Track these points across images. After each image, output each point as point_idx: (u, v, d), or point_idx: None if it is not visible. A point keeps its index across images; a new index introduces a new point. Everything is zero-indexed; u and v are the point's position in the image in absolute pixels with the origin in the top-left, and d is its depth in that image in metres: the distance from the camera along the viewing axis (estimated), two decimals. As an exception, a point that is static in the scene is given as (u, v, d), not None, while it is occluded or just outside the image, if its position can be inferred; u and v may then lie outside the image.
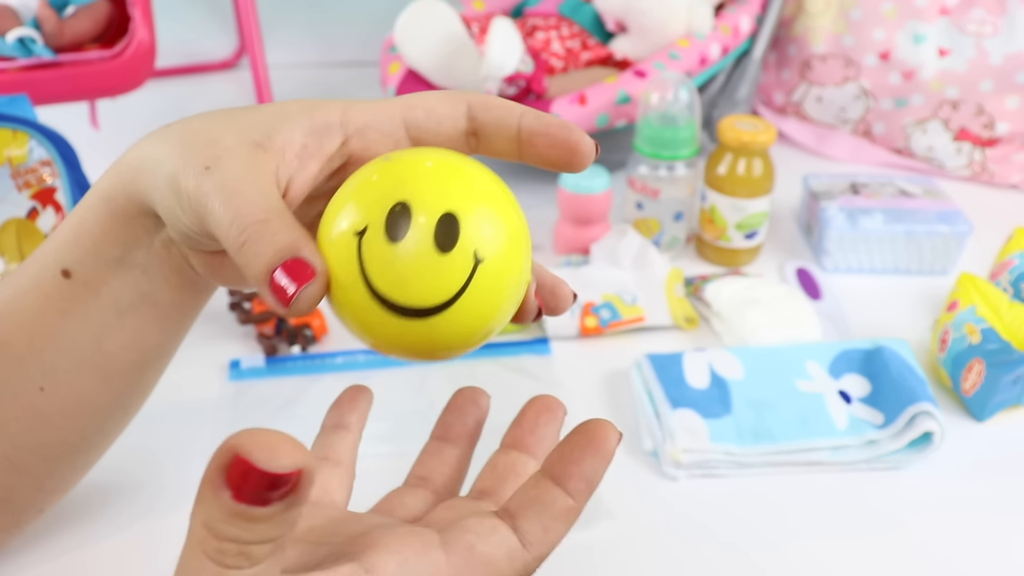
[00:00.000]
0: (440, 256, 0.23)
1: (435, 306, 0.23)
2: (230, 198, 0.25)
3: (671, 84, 0.66)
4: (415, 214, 0.23)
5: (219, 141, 0.27)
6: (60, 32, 0.67)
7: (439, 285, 0.23)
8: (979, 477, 0.50)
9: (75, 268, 0.32)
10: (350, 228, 0.24)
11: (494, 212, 0.24)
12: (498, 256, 0.24)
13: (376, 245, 0.23)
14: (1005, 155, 0.83)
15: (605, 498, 0.47)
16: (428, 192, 0.24)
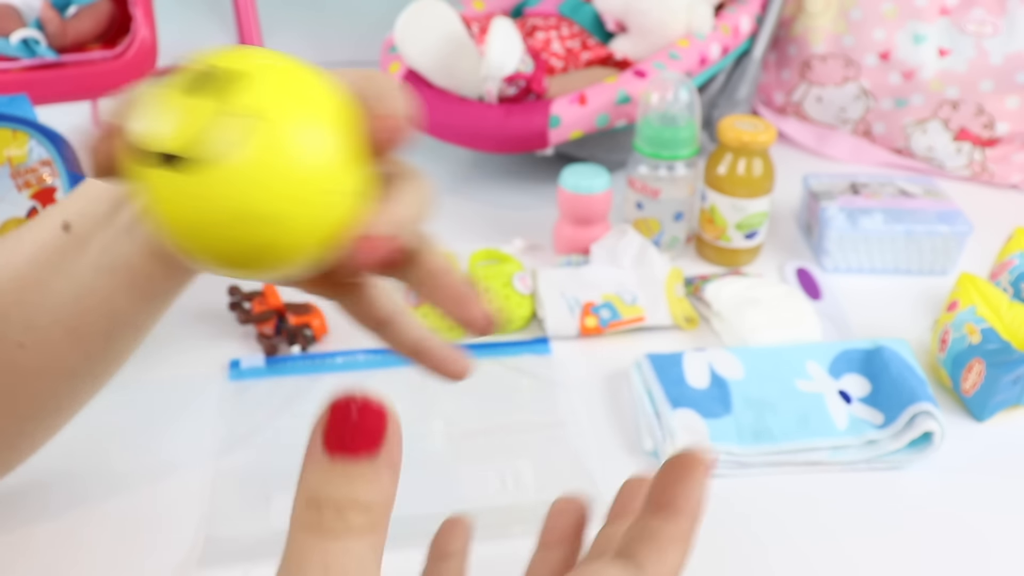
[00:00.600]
0: (191, 101, 0.22)
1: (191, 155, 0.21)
2: None
3: (671, 84, 0.66)
4: (195, 72, 0.22)
5: None
6: (63, 33, 0.67)
7: (185, 129, 0.21)
8: (979, 477, 0.50)
9: (75, 222, 0.33)
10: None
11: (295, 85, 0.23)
12: (284, 115, 0.22)
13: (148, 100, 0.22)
14: (1005, 155, 0.83)
15: (605, 498, 0.47)
16: (227, 58, 0.22)
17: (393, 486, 0.21)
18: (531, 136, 0.73)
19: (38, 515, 0.46)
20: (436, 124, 0.76)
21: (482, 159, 0.87)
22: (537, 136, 0.73)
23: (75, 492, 0.47)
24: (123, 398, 0.38)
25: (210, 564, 0.43)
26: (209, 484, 0.48)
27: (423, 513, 0.46)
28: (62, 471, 0.47)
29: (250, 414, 0.53)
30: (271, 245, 0.23)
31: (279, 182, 0.22)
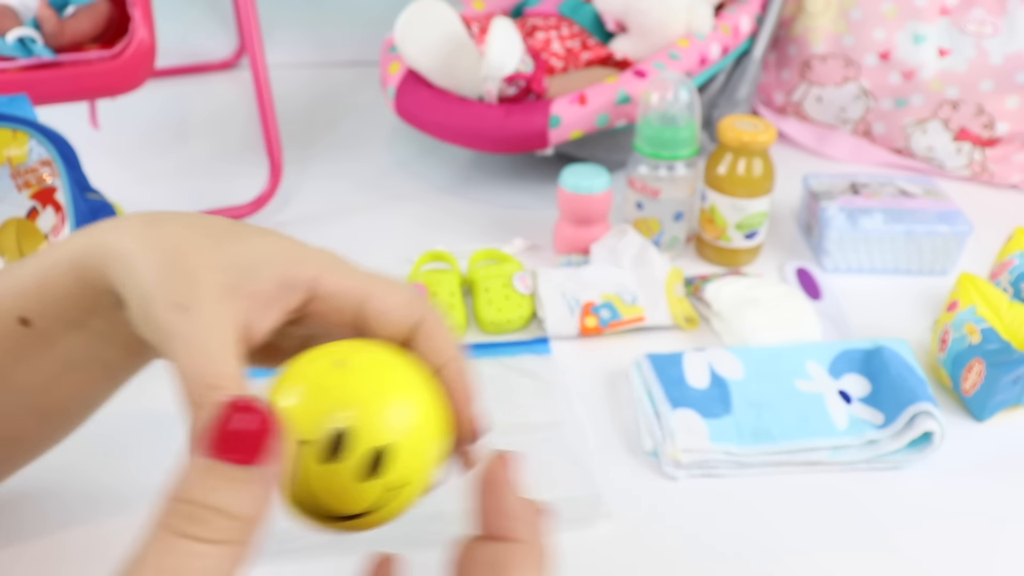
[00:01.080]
0: (367, 483, 0.26)
1: (352, 515, 0.27)
2: (195, 353, 0.26)
3: (671, 84, 0.66)
4: (352, 445, 0.26)
5: (197, 279, 0.28)
6: (60, 32, 0.67)
7: (362, 502, 0.27)
8: (979, 477, 0.50)
9: (34, 319, 0.32)
10: (295, 432, 0.26)
11: (422, 443, 0.28)
12: (419, 476, 0.28)
13: (313, 462, 0.26)
14: (1005, 155, 0.83)
15: (605, 498, 0.47)
16: (369, 417, 0.27)
17: (265, 502, 0.20)
18: (531, 136, 0.73)
19: (29, 523, 0.45)
20: (436, 124, 0.76)
21: (482, 159, 0.87)
22: (537, 136, 0.73)
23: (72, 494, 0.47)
24: (118, 400, 0.38)
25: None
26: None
27: (423, 514, 0.46)
28: (57, 474, 0.47)
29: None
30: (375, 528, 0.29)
31: (408, 507, 0.29)
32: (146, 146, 0.92)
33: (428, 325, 0.30)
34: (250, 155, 0.86)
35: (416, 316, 0.30)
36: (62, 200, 0.59)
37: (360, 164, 0.88)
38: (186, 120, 1.00)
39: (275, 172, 0.78)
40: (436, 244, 0.71)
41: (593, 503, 0.47)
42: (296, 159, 0.87)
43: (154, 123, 0.97)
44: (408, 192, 0.82)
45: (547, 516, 0.29)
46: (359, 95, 1.03)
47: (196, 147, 0.92)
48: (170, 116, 1.00)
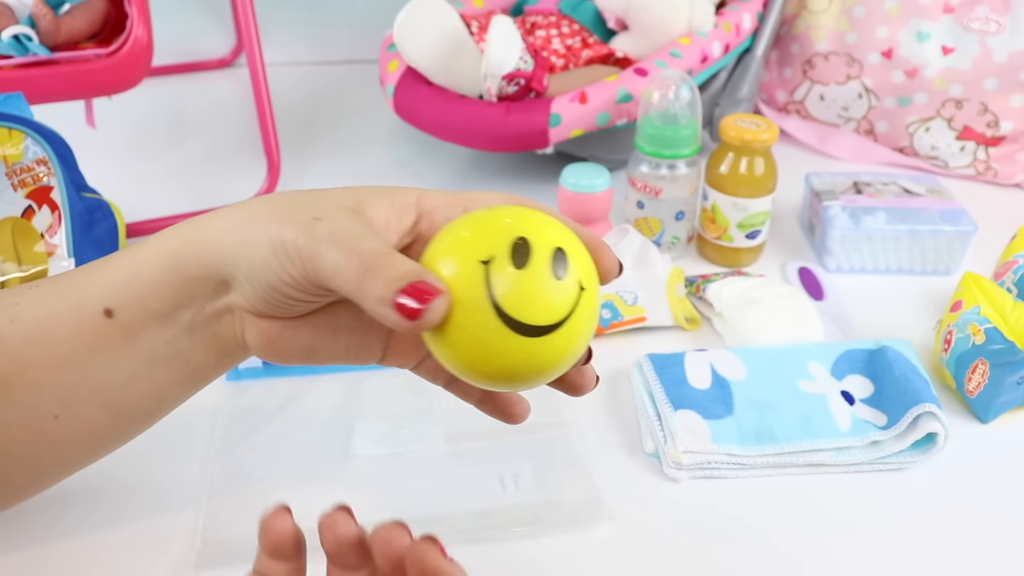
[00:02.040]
0: (557, 282, 0.28)
1: (552, 324, 0.27)
2: (348, 240, 0.29)
3: (672, 82, 0.66)
4: (534, 248, 0.28)
5: (317, 204, 0.30)
6: (56, 30, 0.67)
7: (556, 307, 0.28)
8: (983, 478, 0.49)
9: (119, 310, 0.32)
10: (475, 257, 0.27)
11: (583, 251, 0.30)
12: (592, 286, 0.29)
13: (503, 272, 0.27)
14: (1009, 154, 0.83)
15: (606, 499, 0.47)
16: (539, 231, 0.28)
17: None
18: (531, 135, 0.72)
19: (31, 518, 0.45)
20: (435, 123, 0.75)
21: (482, 158, 0.87)
22: (537, 135, 0.72)
23: (70, 495, 0.46)
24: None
25: (206, 566, 0.43)
26: (205, 486, 0.47)
27: (423, 516, 0.46)
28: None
29: (248, 415, 0.53)
30: (557, 372, 0.29)
31: (591, 331, 0.29)
32: (143, 145, 0.92)
33: (533, 207, 0.32)
34: (248, 154, 0.86)
35: (519, 203, 0.32)
36: (58, 199, 0.59)
37: (359, 163, 0.87)
38: (183, 118, 0.99)
39: (273, 171, 0.77)
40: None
41: (594, 504, 0.47)
42: (294, 157, 0.86)
43: (151, 121, 0.96)
44: (407, 191, 0.82)
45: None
46: (357, 93, 1.03)
47: (193, 146, 0.92)
48: (167, 114, 0.99)
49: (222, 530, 0.45)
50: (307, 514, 0.47)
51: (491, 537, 0.45)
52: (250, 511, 0.46)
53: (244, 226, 0.31)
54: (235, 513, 0.46)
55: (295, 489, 0.47)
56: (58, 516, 0.46)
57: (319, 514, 0.28)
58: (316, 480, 0.48)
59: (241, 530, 0.45)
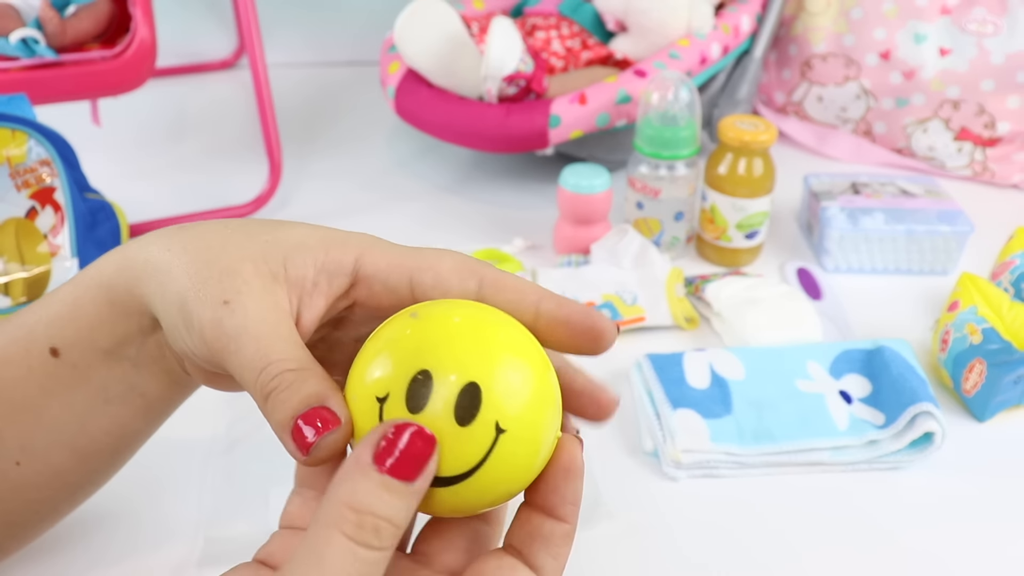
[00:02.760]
0: (460, 429, 0.23)
1: (455, 476, 0.24)
2: (256, 344, 0.25)
3: (671, 83, 0.66)
4: (436, 384, 0.23)
5: (236, 272, 0.27)
6: (62, 32, 0.67)
7: (459, 457, 0.23)
8: (980, 477, 0.50)
9: (65, 349, 0.31)
10: (372, 393, 0.24)
11: (519, 378, 0.24)
12: (521, 425, 0.24)
13: (396, 414, 0.23)
14: (1006, 155, 0.83)
15: (606, 498, 0.47)
16: (449, 359, 0.24)
17: (414, 512, 0.23)
18: (531, 136, 0.73)
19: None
20: (436, 123, 0.76)
21: (482, 159, 0.87)
22: (537, 136, 0.73)
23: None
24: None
25: (208, 564, 0.43)
26: (207, 484, 0.48)
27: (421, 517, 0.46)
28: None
29: (249, 414, 0.53)
30: (481, 510, 0.26)
31: (521, 474, 0.25)
32: (146, 145, 0.92)
33: (492, 278, 0.27)
34: (249, 155, 0.86)
35: (476, 275, 0.27)
36: (61, 200, 0.59)
37: (360, 164, 0.88)
38: (185, 119, 1.00)
39: (275, 172, 0.77)
40: (436, 244, 0.71)
41: (593, 503, 0.47)
42: (296, 158, 0.87)
43: (154, 122, 0.97)
44: (408, 192, 0.82)
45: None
46: (359, 95, 1.03)
47: (195, 146, 0.92)
48: (170, 115, 1.00)
49: (224, 528, 0.45)
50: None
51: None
52: (252, 509, 0.46)
53: (163, 271, 0.28)
54: (237, 511, 0.46)
55: (297, 487, 0.47)
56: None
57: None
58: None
59: (243, 528, 0.45)
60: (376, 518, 0.22)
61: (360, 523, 0.21)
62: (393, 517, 0.22)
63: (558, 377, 0.26)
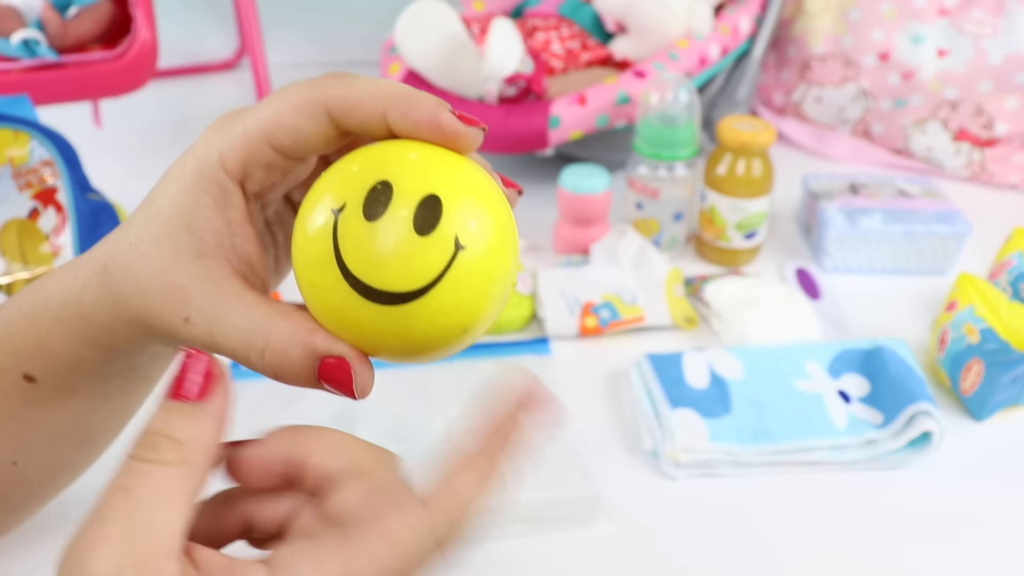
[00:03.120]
0: (419, 238, 0.22)
1: (410, 291, 0.22)
2: (223, 341, 0.25)
3: (671, 84, 0.66)
4: (396, 193, 0.22)
5: (181, 286, 0.26)
6: (63, 33, 0.67)
7: (416, 269, 0.22)
8: (978, 476, 0.50)
9: (40, 376, 0.29)
10: (327, 205, 0.23)
11: (480, 201, 0.23)
12: (482, 246, 0.23)
13: (352, 223, 0.22)
14: (1004, 155, 0.83)
15: (605, 497, 0.48)
16: (411, 173, 0.23)
17: (212, 434, 0.23)
18: (531, 136, 0.73)
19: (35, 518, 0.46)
20: (436, 124, 0.76)
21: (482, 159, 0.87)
22: (537, 136, 0.73)
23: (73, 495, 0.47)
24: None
25: (211, 563, 0.43)
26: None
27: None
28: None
29: (250, 415, 0.53)
30: (436, 348, 0.24)
31: (479, 304, 0.23)
32: (147, 146, 0.92)
33: (336, 102, 0.26)
34: (251, 155, 0.86)
35: (320, 106, 0.26)
36: (63, 200, 0.59)
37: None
38: (187, 120, 1.00)
39: (276, 172, 0.77)
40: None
41: (593, 502, 0.47)
42: (297, 159, 0.87)
43: (155, 123, 0.97)
44: (408, 192, 0.82)
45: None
46: (359, 95, 1.03)
47: (197, 147, 0.92)
48: (171, 116, 1.00)
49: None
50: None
51: (491, 535, 0.46)
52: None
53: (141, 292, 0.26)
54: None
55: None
56: (60, 515, 0.46)
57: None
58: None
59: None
60: (156, 435, 0.23)
61: (143, 442, 0.23)
62: (166, 430, 0.23)
63: None
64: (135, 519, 0.22)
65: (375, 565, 0.23)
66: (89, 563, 0.21)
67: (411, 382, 0.56)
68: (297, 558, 0.23)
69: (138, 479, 0.22)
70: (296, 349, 0.24)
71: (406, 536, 0.23)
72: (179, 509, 0.22)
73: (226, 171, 0.26)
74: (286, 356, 0.24)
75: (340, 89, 0.26)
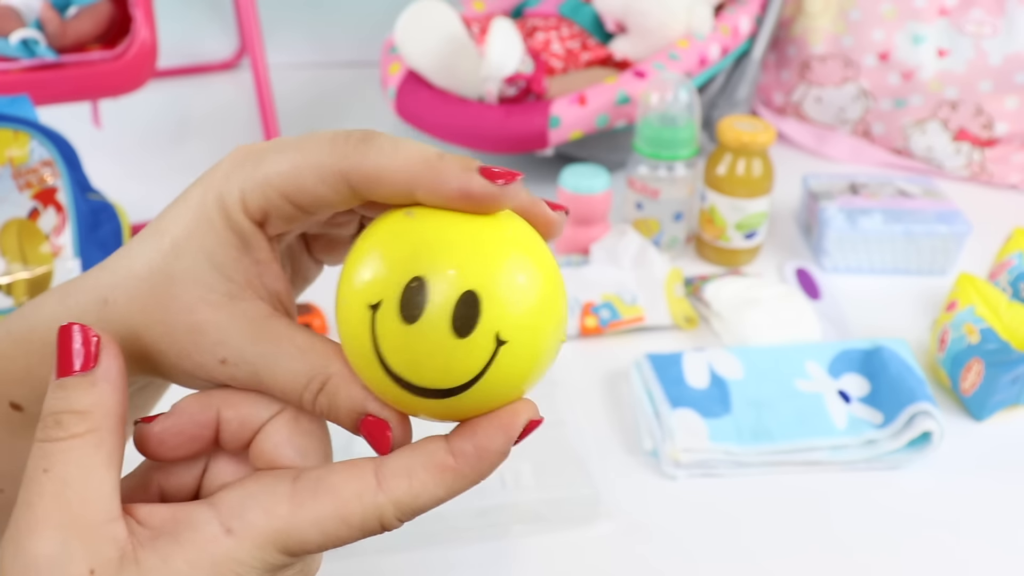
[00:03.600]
0: (458, 341, 0.21)
1: (451, 388, 0.22)
2: (272, 382, 0.24)
3: (671, 85, 0.66)
4: (432, 293, 0.21)
5: (216, 326, 0.25)
6: (63, 33, 0.67)
7: (457, 369, 0.22)
8: (978, 476, 0.50)
9: (28, 405, 0.28)
10: (363, 300, 0.22)
11: (521, 284, 0.22)
12: (524, 334, 0.22)
13: (390, 324, 0.22)
14: (1004, 155, 0.83)
15: (604, 497, 0.48)
16: (447, 265, 0.22)
17: (112, 396, 0.23)
18: (531, 136, 0.73)
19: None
20: (436, 124, 0.76)
21: (482, 159, 0.87)
22: (537, 136, 0.73)
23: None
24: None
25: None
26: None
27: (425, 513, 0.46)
28: None
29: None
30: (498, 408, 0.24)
31: (523, 382, 0.23)
32: (147, 146, 0.92)
33: (358, 175, 0.23)
34: (251, 155, 0.86)
35: (340, 177, 0.24)
36: (63, 200, 0.59)
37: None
38: (187, 120, 1.00)
39: (276, 172, 0.78)
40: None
41: (592, 502, 0.47)
42: (297, 159, 0.87)
43: (155, 123, 0.97)
44: (408, 192, 0.82)
45: None
46: (359, 96, 1.03)
47: (197, 147, 0.92)
48: (171, 116, 1.00)
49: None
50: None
51: (491, 535, 0.46)
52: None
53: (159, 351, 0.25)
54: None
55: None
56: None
57: None
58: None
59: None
60: (57, 414, 0.23)
61: (46, 425, 0.23)
62: (67, 406, 0.23)
63: None
64: (65, 495, 0.22)
65: (320, 526, 0.23)
66: (33, 547, 0.21)
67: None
68: (247, 502, 0.23)
69: (56, 458, 0.22)
70: (347, 402, 0.24)
71: (354, 505, 0.23)
72: (105, 475, 0.23)
73: (248, 214, 0.25)
74: (335, 401, 0.24)
75: (363, 162, 0.24)
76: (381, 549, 0.44)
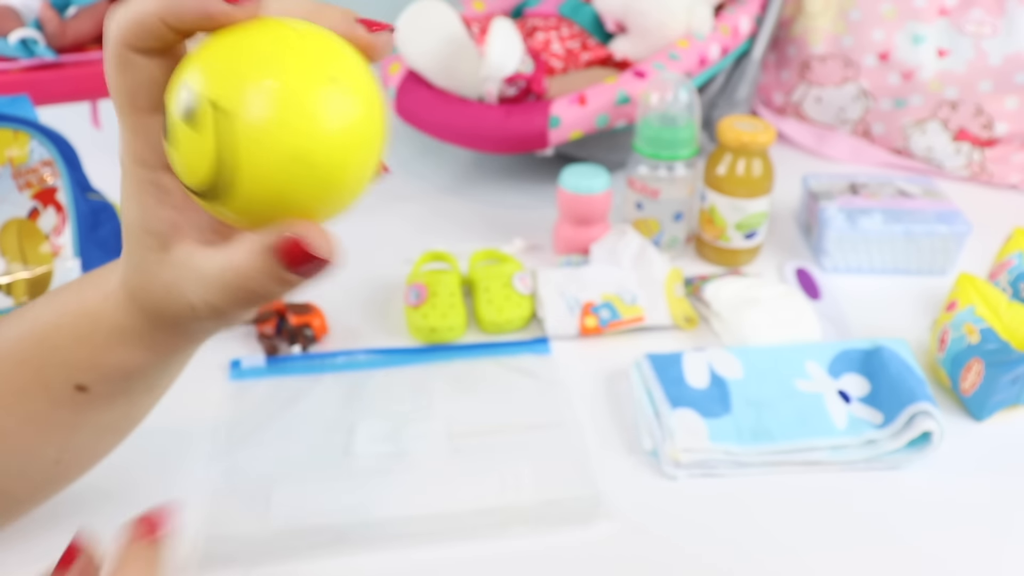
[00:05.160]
0: (193, 132, 0.22)
1: (209, 181, 0.23)
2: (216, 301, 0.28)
3: (671, 85, 0.66)
4: (179, 98, 0.23)
5: (173, 280, 0.29)
6: (62, 33, 0.67)
7: (198, 156, 0.22)
8: (978, 477, 0.50)
9: (94, 387, 0.31)
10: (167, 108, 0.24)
11: (237, 53, 0.22)
12: (245, 102, 0.22)
13: (168, 134, 0.24)
14: (1004, 155, 0.83)
15: (604, 497, 0.48)
16: (197, 75, 0.22)
17: None
18: (531, 136, 0.73)
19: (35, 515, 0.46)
20: (436, 124, 0.76)
21: (482, 159, 0.87)
22: (537, 136, 0.73)
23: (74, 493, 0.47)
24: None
25: (210, 564, 0.43)
26: (209, 484, 0.48)
27: (424, 514, 0.46)
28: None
29: (250, 414, 0.53)
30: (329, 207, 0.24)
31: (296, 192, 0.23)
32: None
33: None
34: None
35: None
36: (63, 200, 0.59)
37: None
38: (186, 120, 1.00)
39: (275, 172, 0.78)
40: (436, 244, 0.71)
41: (592, 503, 0.47)
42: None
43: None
44: (408, 192, 0.82)
45: None
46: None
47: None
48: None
49: (225, 528, 0.45)
50: (309, 512, 0.48)
51: (492, 535, 0.46)
52: (253, 509, 0.46)
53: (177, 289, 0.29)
54: (238, 511, 0.46)
55: (297, 487, 0.48)
56: (62, 515, 0.46)
57: None
58: (318, 479, 0.48)
59: (244, 528, 0.45)
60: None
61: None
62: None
63: None
64: None
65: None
66: None
67: (411, 382, 0.56)
68: None
69: None
70: (250, 260, 0.25)
71: None
72: None
73: (140, 159, 0.27)
74: (250, 272, 0.25)
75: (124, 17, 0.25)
76: (380, 548, 0.44)
